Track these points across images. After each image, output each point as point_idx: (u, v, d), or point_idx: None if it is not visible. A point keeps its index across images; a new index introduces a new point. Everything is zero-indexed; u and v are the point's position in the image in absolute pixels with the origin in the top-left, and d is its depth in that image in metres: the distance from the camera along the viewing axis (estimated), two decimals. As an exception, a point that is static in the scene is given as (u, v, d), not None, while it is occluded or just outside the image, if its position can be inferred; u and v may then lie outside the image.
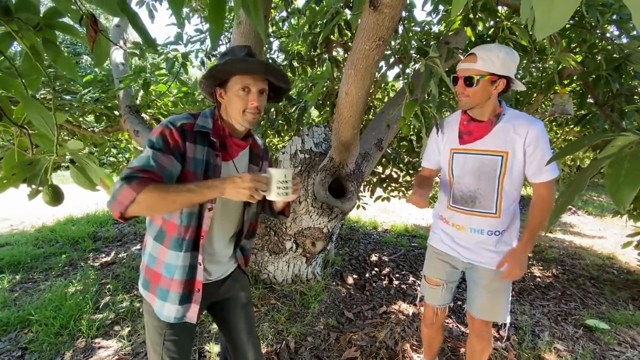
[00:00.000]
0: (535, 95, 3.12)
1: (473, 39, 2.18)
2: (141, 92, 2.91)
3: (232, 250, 1.18)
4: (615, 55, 2.24)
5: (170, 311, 1.01)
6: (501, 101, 1.32)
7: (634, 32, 2.32)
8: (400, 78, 2.28)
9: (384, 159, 3.44)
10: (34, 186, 0.96)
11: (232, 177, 0.89)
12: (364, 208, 4.01)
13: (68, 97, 2.54)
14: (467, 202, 1.37)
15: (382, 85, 3.93)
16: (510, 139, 1.26)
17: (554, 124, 4.39)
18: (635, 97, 2.61)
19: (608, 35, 2.67)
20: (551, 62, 3.03)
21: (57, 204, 1.00)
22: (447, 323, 2.32)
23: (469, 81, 1.22)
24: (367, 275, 3.10)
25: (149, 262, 1.05)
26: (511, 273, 1.30)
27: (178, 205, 0.88)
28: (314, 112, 4.58)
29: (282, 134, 3.70)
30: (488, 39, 2.32)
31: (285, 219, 1.49)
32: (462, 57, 1.31)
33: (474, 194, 1.35)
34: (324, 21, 1.91)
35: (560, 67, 2.69)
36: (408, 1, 2.52)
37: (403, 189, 3.91)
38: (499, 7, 2.26)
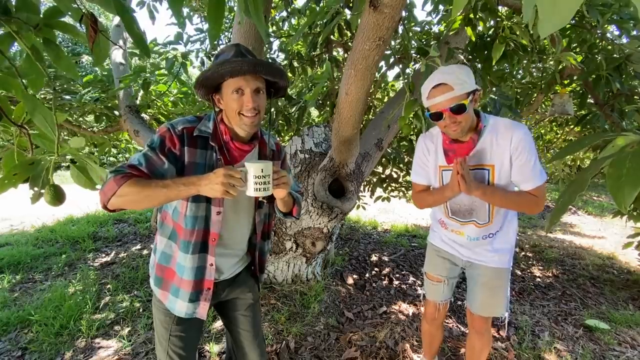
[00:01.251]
0: (535, 95, 3.12)
1: (473, 38, 2.18)
2: (141, 92, 2.90)
3: (245, 251, 1.18)
4: (615, 55, 2.24)
5: (182, 307, 1.03)
6: (479, 113, 1.27)
7: (634, 32, 2.32)
8: (400, 78, 2.27)
9: (384, 159, 3.44)
10: (36, 189, 0.95)
11: (208, 173, 0.86)
12: (364, 208, 4.01)
13: (68, 97, 2.54)
14: (464, 214, 1.38)
15: (382, 85, 3.92)
16: (495, 152, 1.23)
17: (554, 124, 4.39)
18: (635, 97, 2.61)
19: (608, 35, 2.67)
20: (551, 62, 3.03)
21: (58, 204, 1.00)
22: (447, 323, 2.32)
23: (459, 108, 1.15)
24: (367, 275, 3.10)
25: (162, 260, 1.05)
26: (461, 173, 1.17)
27: (155, 201, 0.87)
28: (314, 112, 4.58)
29: (282, 134, 3.70)
30: (488, 39, 2.31)
31: (295, 220, 1.47)
32: (433, 86, 1.18)
33: (470, 206, 1.36)
34: (324, 21, 1.90)
35: (561, 66, 2.68)
36: (408, 1, 2.51)
37: (403, 189, 3.90)
38: (500, 7, 2.26)
